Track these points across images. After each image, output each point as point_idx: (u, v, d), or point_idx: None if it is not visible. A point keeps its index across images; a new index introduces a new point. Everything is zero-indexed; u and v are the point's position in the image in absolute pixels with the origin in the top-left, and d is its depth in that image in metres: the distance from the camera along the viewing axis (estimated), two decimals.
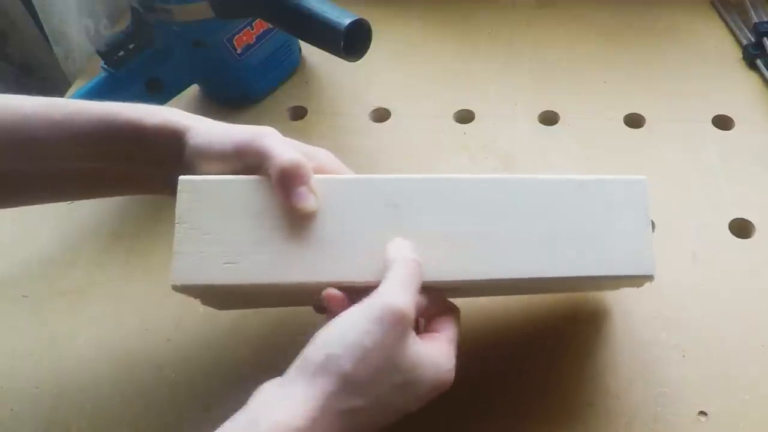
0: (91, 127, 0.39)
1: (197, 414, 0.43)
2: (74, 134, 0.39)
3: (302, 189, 0.35)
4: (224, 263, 0.35)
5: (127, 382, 0.45)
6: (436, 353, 0.34)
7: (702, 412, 0.41)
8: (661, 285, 0.45)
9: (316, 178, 0.36)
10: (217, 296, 0.40)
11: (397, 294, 0.33)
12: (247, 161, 0.37)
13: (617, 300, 0.46)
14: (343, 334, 0.32)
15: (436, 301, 0.37)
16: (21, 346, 0.48)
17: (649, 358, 0.43)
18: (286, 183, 0.35)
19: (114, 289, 0.50)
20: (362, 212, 0.36)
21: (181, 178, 0.36)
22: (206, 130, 0.38)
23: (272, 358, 0.45)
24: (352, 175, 0.39)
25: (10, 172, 0.40)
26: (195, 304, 0.48)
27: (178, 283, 0.35)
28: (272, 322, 0.47)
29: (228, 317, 0.47)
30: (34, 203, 0.45)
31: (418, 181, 0.37)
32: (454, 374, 0.34)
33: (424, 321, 0.37)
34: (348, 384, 0.31)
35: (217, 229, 0.36)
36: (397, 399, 0.33)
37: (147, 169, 0.40)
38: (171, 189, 0.37)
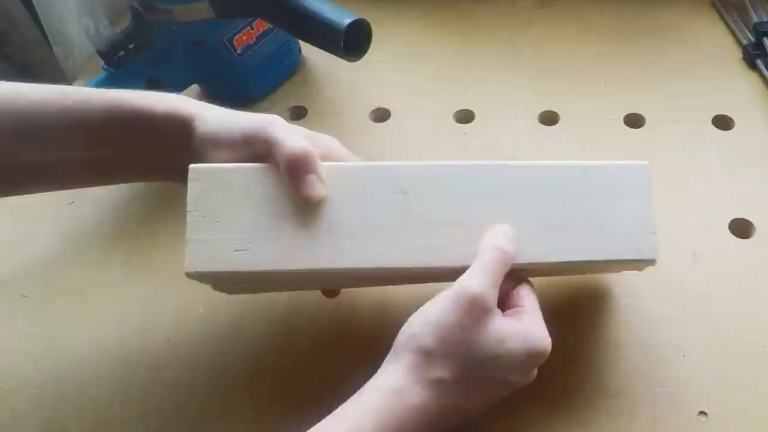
0: (101, 114, 0.39)
1: (197, 414, 0.43)
2: (84, 121, 0.39)
3: (311, 177, 0.36)
4: (235, 250, 0.36)
5: (127, 382, 0.45)
6: (522, 325, 0.35)
7: (702, 412, 0.41)
8: (662, 285, 0.46)
9: (324, 166, 0.37)
10: (228, 282, 0.40)
11: (473, 279, 0.35)
12: (255, 149, 0.37)
13: (618, 299, 0.46)
14: (423, 315, 0.35)
15: (510, 276, 0.37)
16: (21, 346, 0.48)
17: (649, 357, 0.43)
18: (294, 171, 0.36)
19: (114, 289, 0.50)
20: (371, 199, 0.37)
21: (192, 166, 0.37)
22: (214, 118, 0.39)
23: (272, 358, 0.46)
24: (361, 162, 0.39)
25: (20, 160, 0.41)
26: (195, 305, 0.48)
27: (191, 270, 0.36)
28: (272, 323, 0.47)
29: (228, 317, 0.47)
30: (45, 190, 0.46)
31: (426, 168, 0.38)
32: (548, 340, 0.36)
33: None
34: (428, 357, 0.33)
35: (227, 217, 0.36)
36: (493, 373, 0.34)
37: (155, 155, 0.41)
38: (180, 176, 0.38)
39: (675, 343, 0.44)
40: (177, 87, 0.60)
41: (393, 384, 0.33)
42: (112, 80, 0.55)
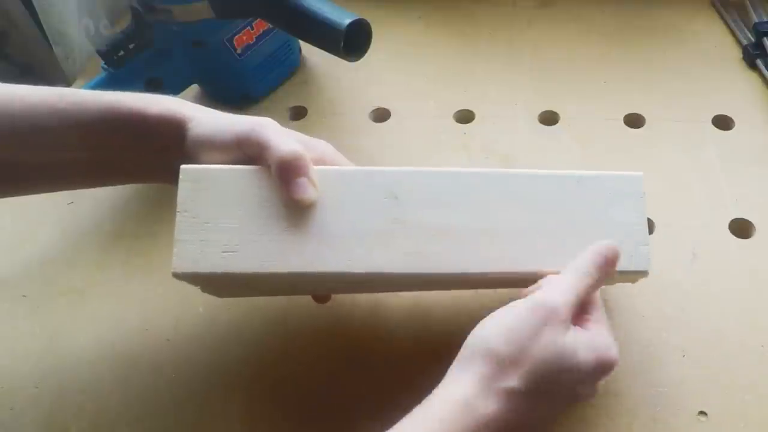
0: (96, 116, 0.39)
1: (197, 413, 0.43)
2: (79, 123, 0.39)
3: (302, 180, 0.36)
4: (224, 252, 0.36)
5: (127, 382, 0.45)
6: (590, 335, 0.35)
7: (702, 412, 0.41)
8: (661, 285, 0.46)
9: (316, 170, 0.37)
10: (217, 284, 0.40)
11: (556, 291, 0.34)
12: (247, 151, 0.37)
13: (617, 300, 0.46)
14: (497, 319, 0.34)
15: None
16: (21, 346, 0.48)
17: (649, 358, 0.43)
18: (285, 174, 0.36)
19: (114, 289, 0.50)
20: (361, 203, 0.37)
21: (183, 167, 0.37)
22: (207, 121, 0.39)
23: (271, 357, 0.46)
24: (352, 167, 0.39)
25: (16, 161, 0.41)
26: (195, 304, 0.48)
27: (178, 271, 0.36)
28: (271, 322, 0.47)
29: (227, 317, 0.47)
30: (39, 192, 0.46)
31: (418, 174, 0.37)
32: (615, 350, 0.35)
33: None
34: (500, 365, 0.32)
35: (217, 218, 0.36)
36: (563, 385, 0.34)
37: (150, 157, 0.41)
38: (174, 177, 0.37)
39: (675, 343, 0.44)
40: (177, 87, 0.60)
41: (463, 394, 0.32)
42: (112, 80, 0.55)
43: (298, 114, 0.62)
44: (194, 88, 0.64)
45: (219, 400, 0.44)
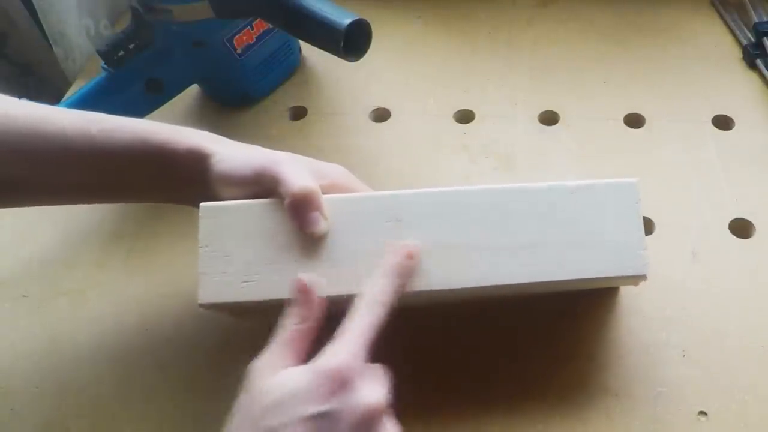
0: (126, 144, 0.41)
1: (197, 414, 0.43)
2: (109, 150, 0.41)
3: (313, 214, 0.38)
4: (243, 282, 0.38)
5: (128, 382, 0.45)
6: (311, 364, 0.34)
7: (702, 412, 0.41)
8: (661, 285, 0.46)
9: (326, 199, 0.38)
10: (240, 311, 0.42)
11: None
12: (264, 186, 0.39)
13: (617, 300, 0.46)
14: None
15: None
16: (21, 346, 0.48)
17: (649, 357, 0.43)
18: (297, 209, 0.38)
19: (114, 289, 0.50)
20: (367, 228, 0.38)
21: (202, 205, 0.39)
22: (228, 156, 0.40)
23: None
24: (358, 194, 0.41)
25: (44, 179, 0.42)
26: (195, 304, 0.48)
27: (204, 302, 0.38)
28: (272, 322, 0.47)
29: (228, 317, 0.47)
30: (62, 204, 0.47)
31: (418, 196, 0.39)
32: (341, 358, 0.33)
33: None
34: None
35: (236, 251, 0.38)
36: (285, 414, 0.32)
37: (174, 185, 0.42)
38: (194, 201, 0.39)
39: (675, 343, 0.44)
40: (177, 87, 0.60)
41: None
42: (112, 80, 0.55)
43: (298, 114, 0.62)
44: (194, 88, 0.64)
45: (220, 400, 0.44)
